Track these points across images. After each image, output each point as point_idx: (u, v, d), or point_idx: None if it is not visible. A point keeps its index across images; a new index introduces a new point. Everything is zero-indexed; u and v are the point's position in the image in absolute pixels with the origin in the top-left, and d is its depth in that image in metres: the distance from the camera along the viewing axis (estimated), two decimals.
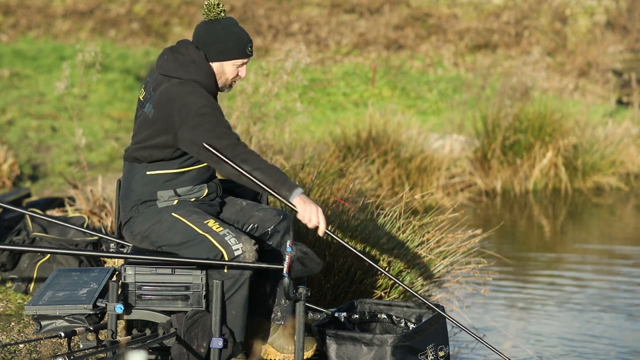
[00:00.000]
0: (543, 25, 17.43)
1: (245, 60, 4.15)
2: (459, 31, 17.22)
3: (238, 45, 4.11)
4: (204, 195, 4.18)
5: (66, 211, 6.69)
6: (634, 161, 11.16)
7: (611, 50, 16.34)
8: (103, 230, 6.07)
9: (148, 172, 4.11)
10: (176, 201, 4.13)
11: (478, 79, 14.03)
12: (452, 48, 16.91)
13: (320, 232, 4.01)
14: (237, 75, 4.17)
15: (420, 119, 11.85)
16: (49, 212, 6.57)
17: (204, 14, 4.15)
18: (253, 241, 4.01)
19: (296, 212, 3.99)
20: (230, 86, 4.21)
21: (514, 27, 17.40)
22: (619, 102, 15.13)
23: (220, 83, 4.15)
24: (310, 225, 3.99)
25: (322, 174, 6.68)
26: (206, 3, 4.13)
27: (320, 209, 3.98)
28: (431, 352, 4.23)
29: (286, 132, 8.37)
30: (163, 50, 4.19)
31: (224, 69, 4.13)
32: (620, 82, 15.23)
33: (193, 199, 4.16)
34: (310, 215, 3.96)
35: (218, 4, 4.12)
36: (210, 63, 4.11)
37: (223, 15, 4.14)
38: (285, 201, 3.98)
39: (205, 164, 4.13)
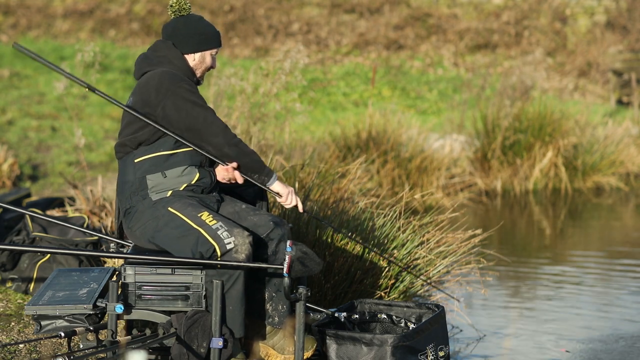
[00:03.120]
0: (543, 25, 17.43)
1: (218, 50, 4.40)
2: (459, 31, 17.22)
3: (214, 34, 4.37)
4: (195, 179, 4.20)
5: (66, 211, 6.69)
6: (634, 161, 11.17)
7: (611, 50, 16.34)
8: (103, 230, 6.06)
9: (136, 160, 4.20)
10: (170, 192, 4.16)
11: (478, 79, 14.03)
12: (452, 48, 16.91)
13: (300, 209, 4.31)
14: (212, 66, 4.39)
15: (420, 119, 11.85)
16: (49, 212, 6.56)
17: (175, 12, 4.32)
18: (246, 233, 4.02)
19: (277, 195, 4.26)
20: (203, 78, 4.40)
21: (514, 27, 17.40)
22: (619, 102, 15.13)
23: (199, 72, 4.36)
24: (290, 205, 4.29)
25: (322, 174, 6.69)
26: (175, 1, 4.30)
27: (292, 189, 4.30)
28: (431, 352, 4.23)
29: (286, 132, 8.38)
30: (137, 58, 4.35)
31: (205, 58, 4.35)
32: (620, 82, 15.24)
33: (184, 186, 4.18)
34: (291, 197, 4.28)
35: (186, 1, 4.35)
36: (193, 54, 4.31)
37: (190, 10, 4.38)
38: (263, 186, 4.26)
39: (190, 148, 4.20)
